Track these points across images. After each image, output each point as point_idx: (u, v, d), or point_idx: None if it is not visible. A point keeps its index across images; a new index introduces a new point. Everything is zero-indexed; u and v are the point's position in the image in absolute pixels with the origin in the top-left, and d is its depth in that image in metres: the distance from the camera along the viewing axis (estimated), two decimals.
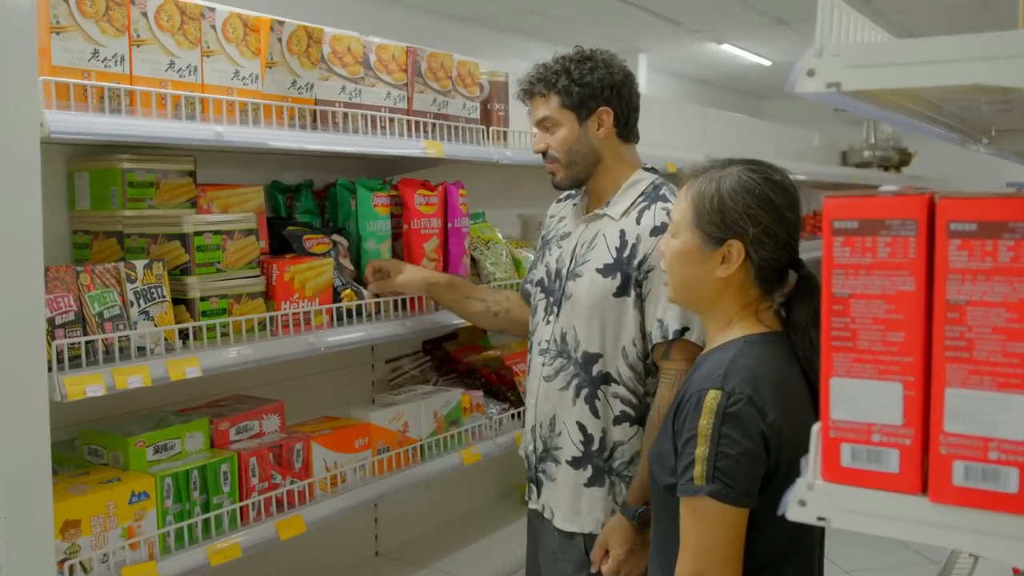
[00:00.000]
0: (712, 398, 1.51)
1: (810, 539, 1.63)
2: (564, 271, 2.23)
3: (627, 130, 2.26)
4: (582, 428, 2.16)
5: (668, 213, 2.07)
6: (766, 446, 1.50)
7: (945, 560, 2.08)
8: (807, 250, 1.66)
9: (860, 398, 0.94)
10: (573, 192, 2.40)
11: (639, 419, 2.14)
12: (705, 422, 1.50)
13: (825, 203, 0.95)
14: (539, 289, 2.32)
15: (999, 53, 0.85)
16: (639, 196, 2.19)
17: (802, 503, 0.96)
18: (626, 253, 2.13)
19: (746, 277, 1.61)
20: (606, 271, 2.14)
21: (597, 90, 2.19)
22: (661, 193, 2.18)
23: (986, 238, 0.86)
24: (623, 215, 2.17)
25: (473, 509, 3.51)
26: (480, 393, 2.96)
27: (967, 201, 0.87)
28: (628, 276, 2.12)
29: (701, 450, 1.49)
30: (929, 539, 0.90)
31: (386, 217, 2.58)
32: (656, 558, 1.67)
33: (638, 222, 2.14)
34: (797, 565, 1.60)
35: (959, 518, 0.89)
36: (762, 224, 1.57)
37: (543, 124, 2.24)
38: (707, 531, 1.50)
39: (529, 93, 2.25)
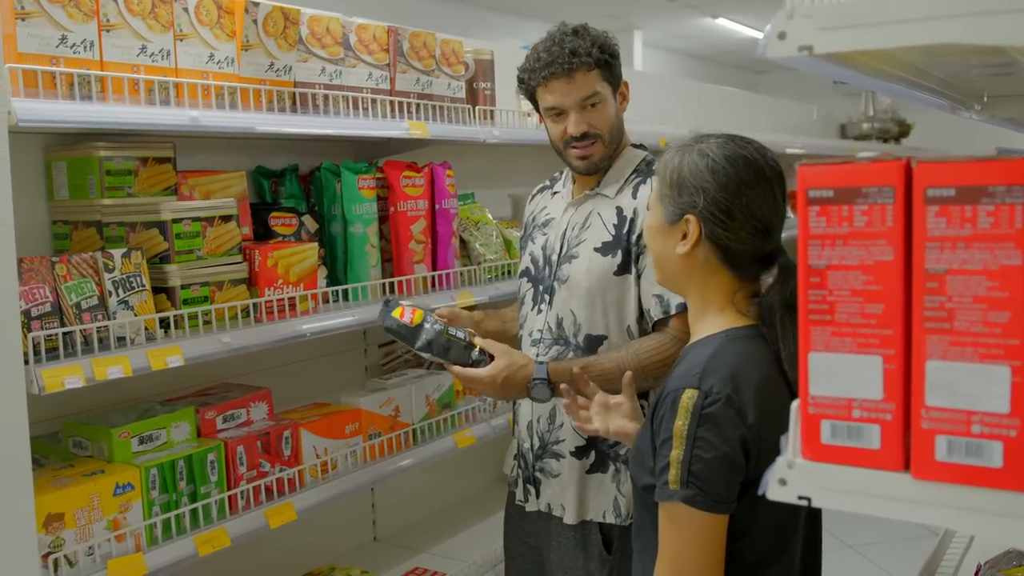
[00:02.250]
0: (688, 398, 1.42)
1: (796, 539, 1.55)
2: (555, 256, 2.14)
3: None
4: None
5: None
6: (745, 450, 1.40)
7: (942, 533, 2.06)
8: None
9: (839, 373, 0.91)
10: (547, 183, 2.34)
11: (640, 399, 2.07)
12: (680, 423, 1.41)
13: (799, 172, 0.91)
14: (525, 279, 2.23)
15: (977, 9, 0.81)
16: (632, 173, 2.12)
17: (782, 482, 0.93)
18: (625, 228, 2.05)
19: (711, 257, 1.51)
20: (605, 249, 2.06)
21: (619, 61, 2.10)
22: (655, 168, 2.07)
23: (965, 203, 0.82)
24: (618, 193, 2.10)
25: (472, 492, 3.50)
26: None
27: (944, 166, 0.83)
28: (629, 252, 2.04)
29: (676, 453, 1.40)
30: (912, 517, 0.88)
31: (372, 200, 2.55)
32: (639, 560, 1.61)
33: (635, 196, 2.07)
34: (783, 566, 1.52)
35: (942, 494, 0.86)
36: (711, 197, 1.48)
37: (588, 101, 2.05)
38: (684, 537, 1.41)
39: (573, 67, 2.03)
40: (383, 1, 7.07)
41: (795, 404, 0.95)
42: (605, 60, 2.05)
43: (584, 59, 2.03)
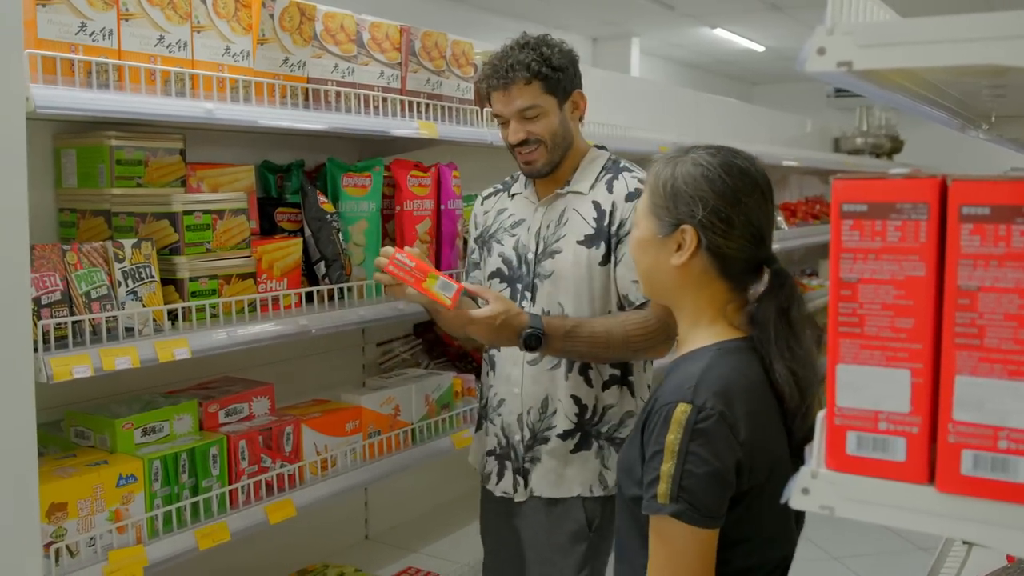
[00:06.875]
0: (681, 412, 1.41)
1: (785, 547, 1.55)
2: (531, 255, 2.22)
3: (584, 111, 2.28)
4: (576, 400, 2.18)
5: (640, 180, 2.14)
6: (738, 467, 1.41)
7: (939, 548, 2.08)
8: (799, 236, 1.55)
9: (867, 385, 0.92)
10: (499, 186, 2.41)
11: (623, 380, 2.20)
12: (672, 437, 1.40)
13: (834, 185, 0.92)
14: (498, 280, 2.28)
15: (1018, 33, 0.83)
16: (600, 171, 2.23)
17: (806, 491, 0.94)
18: (606, 221, 2.16)
19: (707, 268, 1.51)
20: (589, 241, 2.16)
21: (571, 73, 2.19)
22: (621, 165, 2.24)
23: (999, 223, 0.84)
24: (591, 188, 2.21)
25: (463, 493, 3.49)
26: (472, 376, 2.94)
27: (980, 184, 0.85)
28: (609, 242, 2.15)
29: (667, 466, 1.39)
30: (935, 529, 0.89)
31: (359, 198, 2.53)
32: (617, 571, 1.62)
33: (610, 191, 2.18)
34: (768, 570, 1.52)
35: (966, 508, 0.87)
36: (711, 206, 1.48)
37: (525, 113, 2.14)
38: (674, 551, 1.41)
39: (509, 81, 2.13)
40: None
41: (821, 415, 0.96)
42: (545, 74, 2.12)
43: (520, 73, 2.12)
